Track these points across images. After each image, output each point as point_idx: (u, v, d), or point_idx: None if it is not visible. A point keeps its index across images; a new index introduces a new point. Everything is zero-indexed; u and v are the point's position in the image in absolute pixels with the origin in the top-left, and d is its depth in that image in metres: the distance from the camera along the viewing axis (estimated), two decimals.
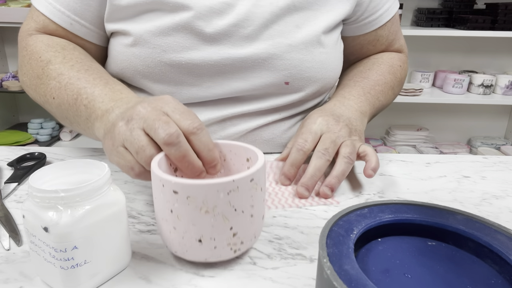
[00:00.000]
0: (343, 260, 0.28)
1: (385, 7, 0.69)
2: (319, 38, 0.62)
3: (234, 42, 0.59)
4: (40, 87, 0.57)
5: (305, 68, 0.62)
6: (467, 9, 2.18)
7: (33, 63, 0.59)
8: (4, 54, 2.26)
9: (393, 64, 0.72)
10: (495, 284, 0.29)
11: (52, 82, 0.55)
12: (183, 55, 0.58)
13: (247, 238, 0.38)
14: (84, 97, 0.51)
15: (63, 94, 0.54)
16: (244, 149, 0.43)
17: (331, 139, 0.54)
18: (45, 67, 0.57)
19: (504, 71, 2.33)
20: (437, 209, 0.35)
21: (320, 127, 0.55)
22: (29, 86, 0.60)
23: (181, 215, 0.35)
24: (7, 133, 2.10)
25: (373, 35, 0.72)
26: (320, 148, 0.53)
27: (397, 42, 0.76)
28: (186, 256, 0.37)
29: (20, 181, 0.55)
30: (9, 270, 0.37)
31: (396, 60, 0.74)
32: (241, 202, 0.36)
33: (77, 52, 0.59)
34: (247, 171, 0.36)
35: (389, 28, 0.72)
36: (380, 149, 2.28)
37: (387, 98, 0.70)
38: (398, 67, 0.73)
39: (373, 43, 0.73)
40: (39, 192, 0.31)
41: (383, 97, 0.69)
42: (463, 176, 0.60)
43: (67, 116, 0.56)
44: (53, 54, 0.57)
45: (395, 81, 0.72)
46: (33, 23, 0.62)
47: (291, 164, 0.54)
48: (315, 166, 0.52)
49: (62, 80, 0.54)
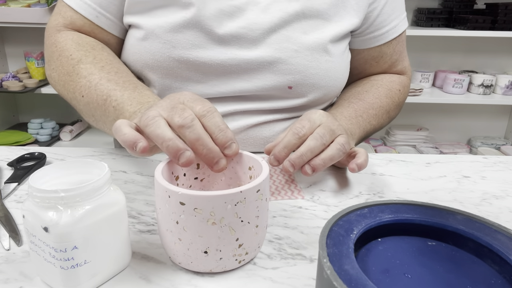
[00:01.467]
0: (343, 260, 0.28)
1: (392, 24, 0.69)
2: (325, 46, 0.62)
3: (242, 44, 0.61)
4: (70, 83, 0.60)
5: (309, 75, 0.63)
6: (467, 9, 2.18)
7: (64, 60, 0.61)
8: (4, 54, 2.26)
9: (391, 88, 0.72)
10: (495, 284, 0.29)
11: (83, 81, 0.58)
12: (192, 53, 0.60)
13: (252, 248, 0.38)
14: (114, 99, 0.54)
15: (93, 94, 0.57)
16: (247, 158, 0.43)
17: (329, 128, 0.52)
18: (75, 65, 0.60)
19: (504, 71, 2.33)
20: (437, 209, 0.35)
21: (320, 118, 0.53)
22: (57, 82, 0.63)
23: (187, 226, 0.35)
24: (7, 133, 2.10)
25: (377, 51, 0.71)
26: (317, 132, 0.51)
27: (400, 63, 0.75)
28: (190, 267, 0.37)
29: (20, 181, 0.55)
30: (9, 270, 0.37)
31: (396, 84, 0.73)
32: (247, 213, 0.36)
33: (105, 53, 0.62)
34: (254, 181, 0.36)
35: (394, 46, 0.72)
36: (380, 149, 2.28)
37: (380, 122, 0.69)
38: (397, 91, 0.72)
39: (376, 59, 0.73)
40: (39, 192, 0.31)
41: (376, 121, 0.68)
42: (463, 176, 0.60)
43: (93, 115, 0.59)
44: (84, 53, 0.60)
45: (391, 105, 0.71)
46: (61, 19, 0.65)
47: (284, 146, 0.51)
48: (308, 146, 0.50)
49: (93, 80, 0.57)
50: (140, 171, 0.60)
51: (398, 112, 0.75)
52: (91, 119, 0.61)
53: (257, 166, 0.41)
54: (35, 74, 2.04)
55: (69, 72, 0.60)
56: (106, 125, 0.58)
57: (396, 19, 0.69)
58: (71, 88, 0.60)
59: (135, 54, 0.63)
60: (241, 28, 0.60)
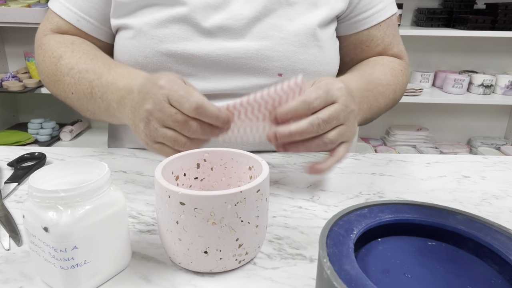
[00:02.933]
0: (343, 260, 0.28)
1: (378, 7, 0.69)
2: (313, 31, 0.63)
3: (228, 35, 0.62)
4: (58, 83, 0.62)
5: (298, 60, 0.63)
6: (467, 9, 2.18)
7: (47, 60, 0.64)
8: (4, 54, 2.26)
9: (394, 67, 0.71)
10: (495, 284, 0.29)
11: (67, 78, 0.60)
12: (179, 45, 0.61)
13: (252, 248, 0.38)
14: (97, 90, 0.56)
15: (79, 89, 0.59)
16: (246, 158, 0.43)
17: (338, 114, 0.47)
18: (57, 63, 0.62)
19: (504, 71, 2.33)
20: (437, 209, 0.35)
21: (339, 93, 0.48)
22: (48, 83, 0.66)
23: (187, 226, 0.35)
24: (7, 133, 2.10)
25: (365, 35, 0.71)
26: (321, 117, 0.46)
27: (395, 46, 0.74)
28: (190, 267, 0.37)
29: (20, 181, 0.55)
30: (9, 270, 0.37)
31: (396, 64, 0.72)
32: (247, 213, 0.36)
33: (84, 45, 0.64)
34: (254, 181, 0.36)
35: (384, 29, 0.71)
36: (380, 149, 2.28)
37: (386, 102, 0.67)
38: (399, 71, 0.71)
39: (366, 43, 0.72)
40: (39, 192, 0.31)
41: (383, 99, 0.65)
42: (463, 176, 0.60)
43: (88, 109, 0.61)
44: (64, 49, 0.62)
45: (397, 84, 0.69)
46: (48, 25, 0.68)
47: (289, 110, 0.46)
48: (300, 129, 0.46)
49: (74, 75, 0.59)
50: (140, 171, 0.60)
51: (401, 96, 0.72)
52: (88, 113, 0.63)
53: (257, 166, 0.41)
54: (35, 74, 2.04)
55: (54, 72, 0.62)
56: (102, 116, 0.60)
57: (382, 2, 0.69)
58: (60, 88, 0.62)
59: (125, 53, 0.64)
60: (226, 19, 0.61)
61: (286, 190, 0.55)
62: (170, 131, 0.46)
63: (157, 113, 0.46)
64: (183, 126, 0.45)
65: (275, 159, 0.65)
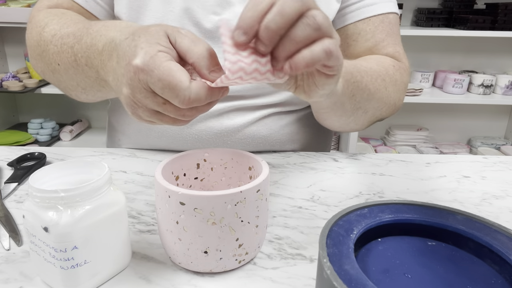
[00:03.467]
0: (343, 260, 0.27)
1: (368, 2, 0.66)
2: None
3: None
4: (43, 55, 0.55)
5: None
6: (467, 9, 2.18)
7: (33, 31, 0.57)
8: (4, 54, 2.26)
9: (382, 61, 0.64)
10: (495, 284, 0.29)
11: (51, 47, 0.53)
12: None
13: (252, 248, 0.38)
14: (79, 56, 0.47)
15: (64, 58, 0.51)
16: (247, 158, 0.43)
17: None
18: (41, 32, 0.55)
19: (504, 71, 2.32)
20: (437, 209, 0.35)
21: None
22: (35, 58, 0.58)
23: (187, 226, 0.35)
24: (7, 133, 2.10)
25: (351, 29, 0.67)
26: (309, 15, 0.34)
27: (390, 46, 0.68)
28: (190, 267, 0.37)
29: (20, 181, 0.55)
30: (9, 270, 0.37)
31: (387, 59, 0.65)
32: (247, 213, 0.36)
33: (76, 15, 0.57)
34: (254, 181, 0.36)
35: (376, 24, 0.66)
36: (380, 149, 2.28)
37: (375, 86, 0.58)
38: (390, 66, 0.64)
39: (353, 37, 0.67)
40: (39, 192, 0.31)
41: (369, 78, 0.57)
42: (463, 176, 0.60)
43: (78, 83, 0.51)
44: (51, 18, 0.55)
45: (385, 75, 0.61)
46: (46, 2, 0.61)
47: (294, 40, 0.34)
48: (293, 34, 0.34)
49: (57, 42, 0.51)
50: (140, 171, 0.60)
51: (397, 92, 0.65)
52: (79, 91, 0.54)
53: (257, 166, 0.41)
54: (35, 74, 2.04)
55: (38, 42, 0.55)
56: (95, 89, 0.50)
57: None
58: (46, 60, 0.55)
59: None
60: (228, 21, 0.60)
61: (286, 190, 0.55)
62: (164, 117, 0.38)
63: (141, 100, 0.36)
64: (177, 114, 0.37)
65: (275, 159, 0.65)
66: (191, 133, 0.64)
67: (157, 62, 0.34)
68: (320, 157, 0.66)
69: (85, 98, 0.56)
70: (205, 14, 0.60)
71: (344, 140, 2.14)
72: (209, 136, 0.64)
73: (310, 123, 0.71)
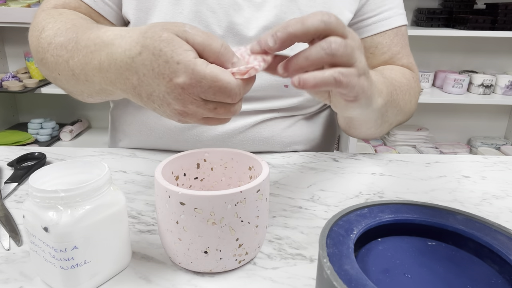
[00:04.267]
0: (343, 260, 0.27)
1: (384, 15, 0.67)
2: None
3: (239, 40, 0.61)
4: (43, 62, 0.54)
5: None
6: (467, 9, 2.18)
7: (33, 34, 0.56)
8: (4, 54, 2.26)
9: (404, 73, 0.67)
10: (495, 284, 0.29)
11: (48, 56, 0.51)
12: None
13: (252, 248, 0.38)
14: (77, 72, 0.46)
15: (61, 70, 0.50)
16: (247, 158, 0.43)
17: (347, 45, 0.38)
18: (39, 37, 0.53)
19: (504, 71, 2.32)
20: (437, 209, 0.35)
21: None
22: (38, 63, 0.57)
23: (187, 226, 0.35)
24: (7, 133, 2.10)
25: (369, 42, 0.69)
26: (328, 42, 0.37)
27: (405, 58, 0.70)
28: (190, 267, 0.37)
29: (20, 181, 0.55)
30: (9, 270, 0.37)
31: (407, 71, 0.68)
32: (247, 213, 0.36)
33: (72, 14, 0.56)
34: (254, 181, 0.36)
35: (391, 38, 0.69)
36: (380, 149, 2.28)
37: (404, 100, 0.61)
38: (411, 77, 0.67)
39: (371, 50, 0.70)
40: (39, 192, 0.31)
41: (401, 95, 0.59)
42: (463, 176, 0.60)
43: (83, 90, 0.50)
44: (48, 20, 0.54)
45: (410, 89, 0.64)
46: (53, 1, 0.60)
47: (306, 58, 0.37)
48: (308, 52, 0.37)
49: (53, 52, 0.50)
50: (140, 171, 0.60)
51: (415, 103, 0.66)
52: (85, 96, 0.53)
53: (257, 166, 0.41)
54: (35, 74, 2.04)
55: (37, 48, 0.54)
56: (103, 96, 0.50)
57: (388, 10, 0.67)
58: (47, 67, 0.53)
59: None
60: (238, 25, 0.60)
61: (286, 190, 0.55)
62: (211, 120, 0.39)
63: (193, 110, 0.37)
64: (228, 113, 0.38)
65: (275, 159, 0.65)
66: (192, 134, 0.64)
67: (201, 72, 0.35)
68: (320, 157, 0.66)
69: (92, 101, 0.55)
70: (215, 17, 0.59)
71: (344, 140, 2.14)
72: (210, 137, 0.64)
73: (312, 125, 0.71)
